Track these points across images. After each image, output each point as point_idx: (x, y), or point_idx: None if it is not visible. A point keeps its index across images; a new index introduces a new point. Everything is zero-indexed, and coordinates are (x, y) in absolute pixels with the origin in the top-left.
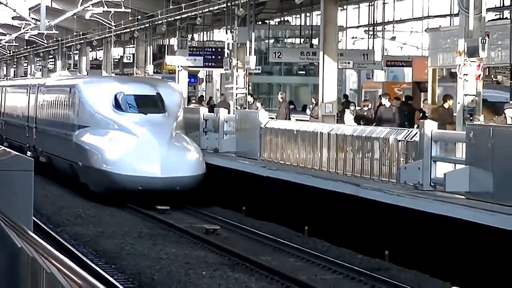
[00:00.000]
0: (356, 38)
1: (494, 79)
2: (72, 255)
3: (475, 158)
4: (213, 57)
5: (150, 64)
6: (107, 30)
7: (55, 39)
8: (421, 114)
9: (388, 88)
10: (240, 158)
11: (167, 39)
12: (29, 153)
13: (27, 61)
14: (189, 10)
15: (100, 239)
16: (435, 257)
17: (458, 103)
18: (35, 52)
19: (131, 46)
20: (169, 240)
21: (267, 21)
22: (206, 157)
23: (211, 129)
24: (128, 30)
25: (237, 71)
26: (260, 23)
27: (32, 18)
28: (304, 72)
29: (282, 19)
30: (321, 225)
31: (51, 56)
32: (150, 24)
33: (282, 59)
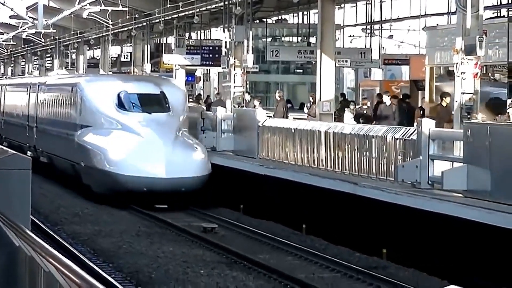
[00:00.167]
0: (354, 37)
1: (492, 77)
2: (70, 254)
3: (473, 156)
4: (211, 56)
5: (148, 63)
6: (105, 29)
7: (53, 38)
8: (421, 112)
9: (386, 87)
10: (238, 157)
11: (165, 38)
12: (29, 153)
13: (25, 60)
14: (187, 9)
15: (98, 238)
16: (433, 256)
17: (456, 102)
18: (33, 51)
19: (129, 45)
20: (167, 239)
21: (265, 20)
22: None
23: (209, 128)
24: (126, 29)
25: (235, 70)
26: (258, 22)
27: (30, 17)
28: (302, 71)
29: (280, 18)
30: (319, 224)
31: (49, 55)
32: (148, 23)
33: (280, 58)
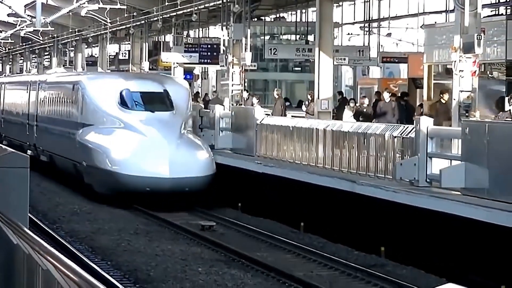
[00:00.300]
0: (352, 35)
1: (490, 75)
2: (68, 252)
3: (471, 154)
4: (209, 54)
5: (146, 61)
6: (103, 27)
7: (51, 36)
8: (422, 110)
9: (384, 85)
10: (236, 155)
11: (163, 36)
12: (30, 152)
13: (23, 58)
14: (185, 7)
15: (96, 236)
16: (431, 253)
17: (454, 100)
18: (31, 49)
19: (127, 43)
20: (165, 237)
21: (263, 18)
22: None
23: (207, 126)
24: (124, 27)
25: (233, 68)
26: (256, 20)
27: (28, 15)
28: (300, 69)
29: (278, 16)
30: (317, 222)
31: (47, 53)
32: (146, 21)
33: (278, 56)
